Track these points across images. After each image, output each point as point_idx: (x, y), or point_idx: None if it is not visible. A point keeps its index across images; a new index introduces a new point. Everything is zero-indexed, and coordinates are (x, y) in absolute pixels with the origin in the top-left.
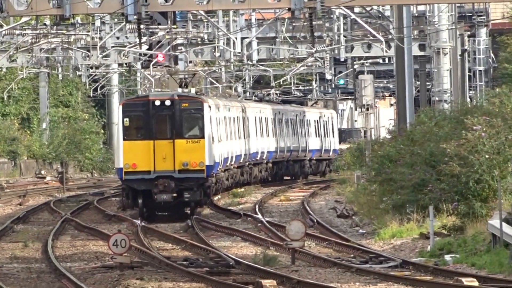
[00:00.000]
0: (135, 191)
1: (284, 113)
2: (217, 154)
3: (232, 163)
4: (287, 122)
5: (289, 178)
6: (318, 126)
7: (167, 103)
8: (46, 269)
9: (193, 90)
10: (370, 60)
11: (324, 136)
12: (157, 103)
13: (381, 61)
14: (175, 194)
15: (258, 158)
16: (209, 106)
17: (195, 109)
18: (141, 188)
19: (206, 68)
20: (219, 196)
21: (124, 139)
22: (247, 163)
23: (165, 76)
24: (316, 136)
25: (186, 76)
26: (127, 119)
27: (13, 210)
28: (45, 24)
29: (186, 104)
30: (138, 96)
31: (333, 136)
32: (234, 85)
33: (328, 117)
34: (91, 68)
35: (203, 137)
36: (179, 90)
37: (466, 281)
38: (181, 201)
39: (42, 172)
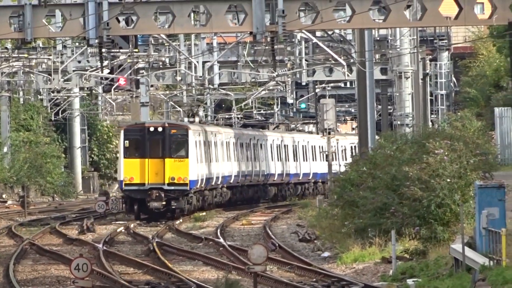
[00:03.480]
0: (132, 199)
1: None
2: (199, 173)
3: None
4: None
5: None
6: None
7: (159, 129)
8: None
9: (197, 119)
10: (331, 84)
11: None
12: (151, 129)
13: (342, 85)
14: (164, 202)
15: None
16: (193, 133)
17: (182, 135)
18: (137, 197)
19: (167, 92)
20: (181, 220)
21: (124, 157)
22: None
23: (126, 100)
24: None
25: (193, 106)
26: (127, 141)
27: None
28: (6, 48)
29: (175, 131)
30: (136, 123)
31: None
32: (196, 109)
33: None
34: (53, 92)
35: (187, 157)
36: (186, 119)
37: None
38: (169, 208)
39: (3, 196)
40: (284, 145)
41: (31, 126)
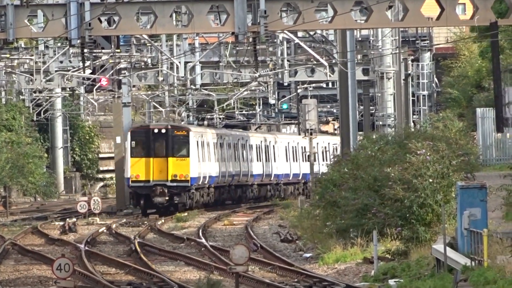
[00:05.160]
0: (138, 195)
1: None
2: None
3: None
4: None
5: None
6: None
7: (163, 131)
8: None
9: (205, 123)
10: (313, 85)
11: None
12: (156, 130)
13: (324, 85)
14: (167, 198)
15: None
16: (195, 134)
17: (183, 136)
18: (142, 193)
19: (149, 92)
20: (163, 220)
21: (131, 157)
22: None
23: (108, 100)
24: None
25: (203, 113)
26: (134, 142)
27: None
28: None
29: (177, 132)
30: (142, 125)
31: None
32: (178, 110)
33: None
34: (35, 92)
35: (188, 156)
36: (195, 123)
37: None
38: (172, 203)
39: None
40: (277, 147)
41: (13, 126)
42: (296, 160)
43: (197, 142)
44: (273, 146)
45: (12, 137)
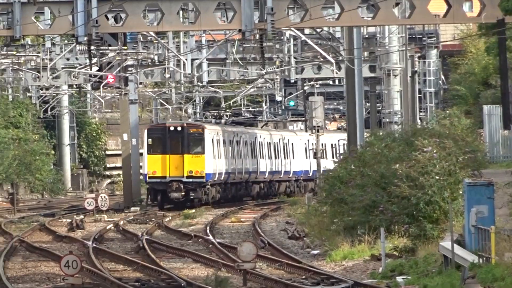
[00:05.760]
0: (155, 190)
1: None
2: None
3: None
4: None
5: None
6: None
7: (179, 128)
8: None
9: (223, 121)
10: (320, 82)
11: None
12: (172, 128)
13: (331, 82)
14: (183, 193)
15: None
16: (209, 132)
17: (199, 133)
18: (159, 188)
19: (156, 89)
20: (170, 217)
21: (148, 154)
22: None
23: (115, 97)
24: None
25: (220, 111)
26: (150, 140)
27: None
28: None
29: (192, 130)
30: (158, 123)
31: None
32: (184, 107)
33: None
34: (41, 89)
35: (203, 153)
36: (212, 121)
37: None
38: (188, 198)
39: None
40: (296, 145)
41: (20, 123)
42: None
43: (212, 139)
44: (292, 143)
45: (19, 134)
